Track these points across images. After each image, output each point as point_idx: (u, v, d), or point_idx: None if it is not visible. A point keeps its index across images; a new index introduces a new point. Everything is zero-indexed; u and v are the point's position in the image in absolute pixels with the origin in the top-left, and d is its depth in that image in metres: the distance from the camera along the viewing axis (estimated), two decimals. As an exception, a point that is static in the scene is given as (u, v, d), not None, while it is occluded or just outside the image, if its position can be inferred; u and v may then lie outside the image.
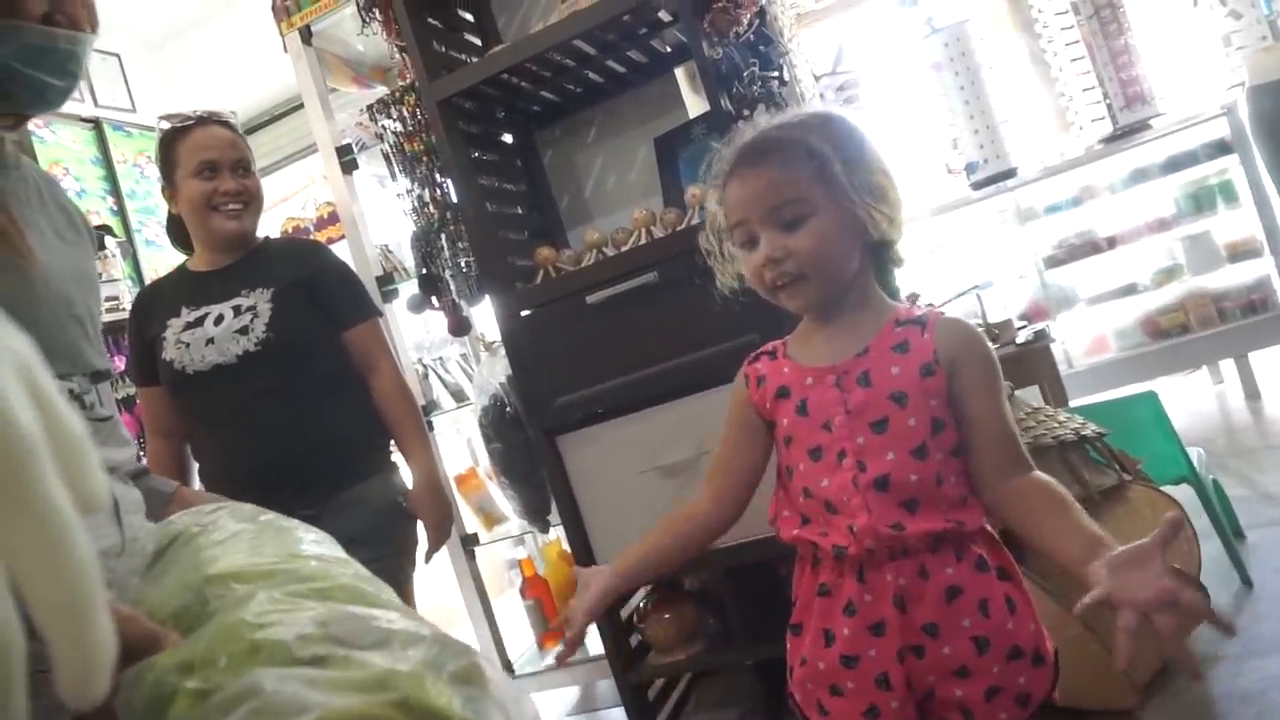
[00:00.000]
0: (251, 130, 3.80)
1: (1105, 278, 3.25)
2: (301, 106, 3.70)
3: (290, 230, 3.60)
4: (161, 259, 3.36)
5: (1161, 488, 1.64)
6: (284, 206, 4.20)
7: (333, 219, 3.55)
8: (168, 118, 1.63)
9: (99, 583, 0.25)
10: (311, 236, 3.53)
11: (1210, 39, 3.08)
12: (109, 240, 2.82)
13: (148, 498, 0.94)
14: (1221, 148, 3.03)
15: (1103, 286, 3.25)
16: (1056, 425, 1.64)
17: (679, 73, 1.90)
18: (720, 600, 1.71)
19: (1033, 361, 2.11)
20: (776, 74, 1.68)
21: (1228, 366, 3.20)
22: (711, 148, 2.01)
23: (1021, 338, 2.18)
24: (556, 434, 1.66)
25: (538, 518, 1.84)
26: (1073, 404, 2.13)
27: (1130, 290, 3.20)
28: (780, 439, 0.95)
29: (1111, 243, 3.18)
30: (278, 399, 1.53)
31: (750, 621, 1.63)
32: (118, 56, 3.57)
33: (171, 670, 0.54)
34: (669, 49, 1.85)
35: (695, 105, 1.89)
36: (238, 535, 0.68)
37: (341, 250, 2.67)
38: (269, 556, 0.64)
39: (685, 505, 1.01)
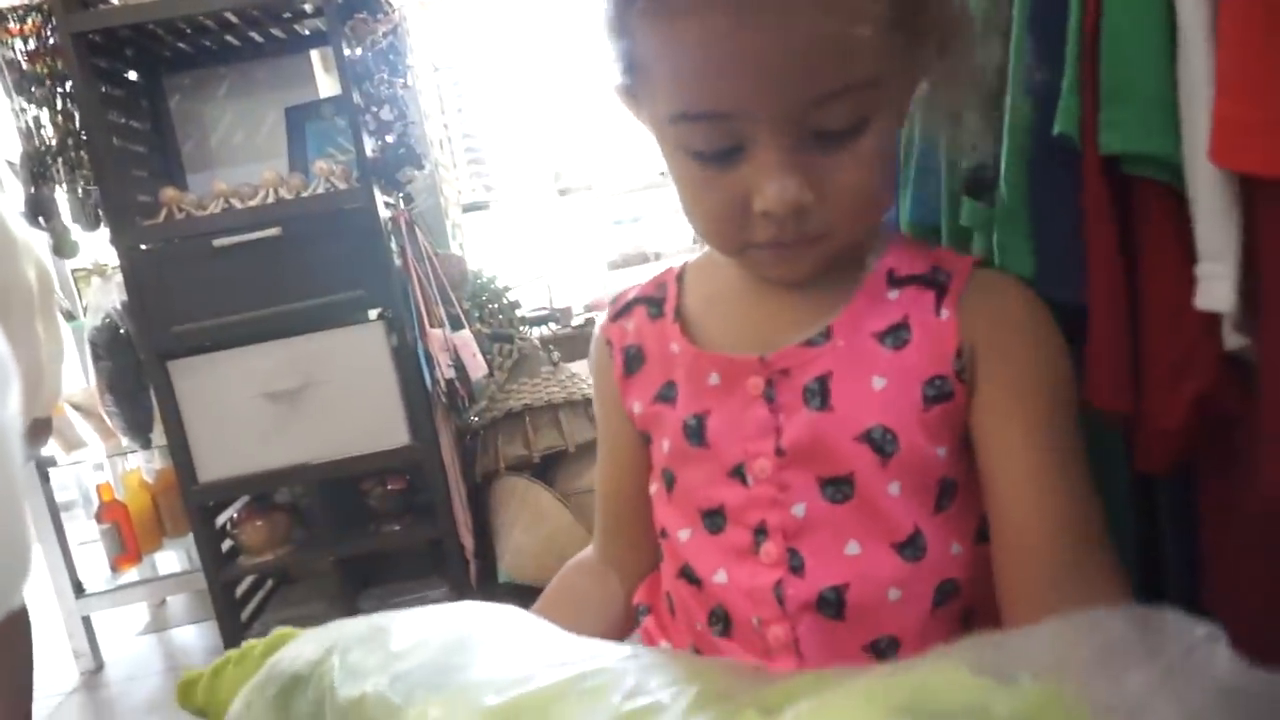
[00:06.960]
0: None
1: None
2: None
3: None
4: None
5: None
6: None
7: None
8: None
9: None
10: None
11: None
12: None
13: None
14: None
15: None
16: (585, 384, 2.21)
17: (314, 54, 2.16)
18: (310, 510, 2.02)
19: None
20: (402, 79, 2.03)
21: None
22: (338, 127, 2.30)
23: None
24: (169, 358, 1.84)
25: (140, 434, 1.98)
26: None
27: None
28: (657, 470, 0.58)
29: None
30: None
31: (335, 528, 1.97)
32: None
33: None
34: (308, 32, 2.10)
35: (326, 86, 2.17)
36: None
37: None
38: None
39: (596, 585, 0.65)
